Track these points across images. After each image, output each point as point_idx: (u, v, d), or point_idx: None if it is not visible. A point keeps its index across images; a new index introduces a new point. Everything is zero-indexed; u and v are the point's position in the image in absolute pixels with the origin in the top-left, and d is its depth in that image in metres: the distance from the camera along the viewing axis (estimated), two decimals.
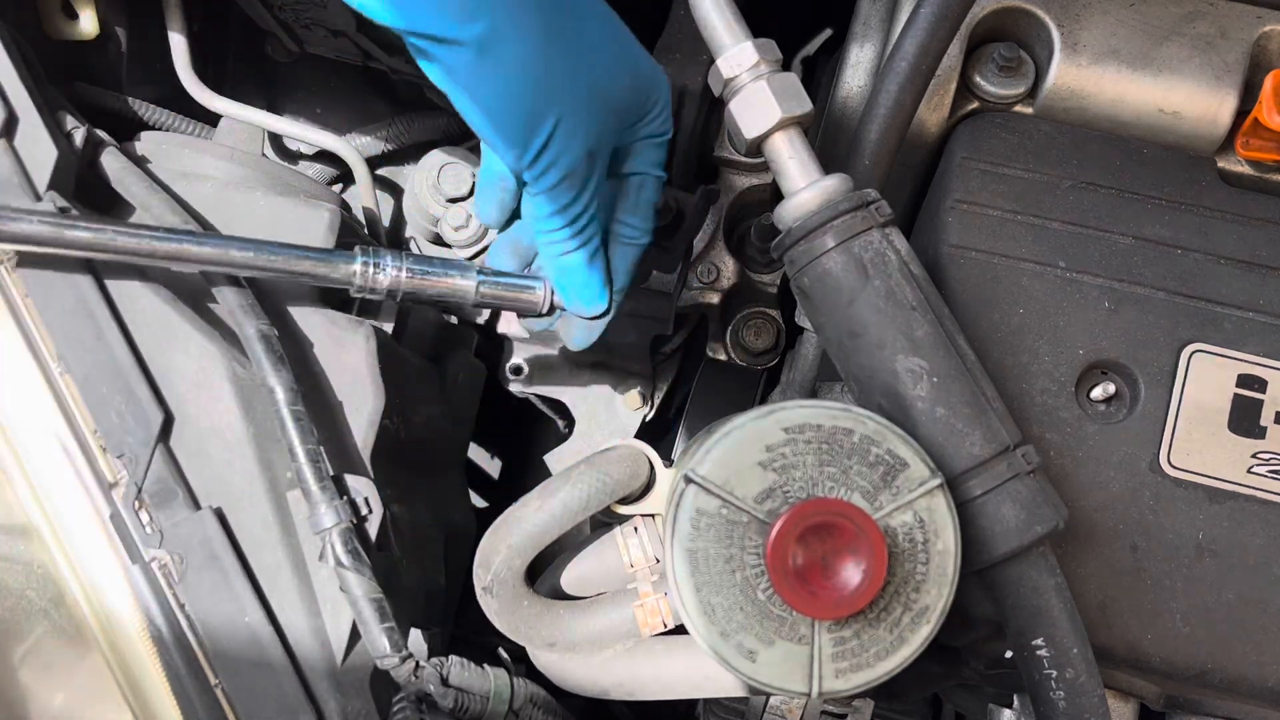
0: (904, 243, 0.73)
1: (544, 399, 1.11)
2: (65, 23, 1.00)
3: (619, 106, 0.80)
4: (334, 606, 0.77)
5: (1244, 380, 0.78)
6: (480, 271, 0.83)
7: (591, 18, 0.79)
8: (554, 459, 1.03)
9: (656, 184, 0.86)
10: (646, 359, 1.05)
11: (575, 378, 1.10)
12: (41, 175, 0.80)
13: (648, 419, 1.08)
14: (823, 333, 0.74)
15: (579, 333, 0.88)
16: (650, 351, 1.06)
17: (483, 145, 0.85)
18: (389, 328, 0.90)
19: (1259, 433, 0.77)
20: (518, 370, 1.09)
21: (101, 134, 0.87)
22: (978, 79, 0.88)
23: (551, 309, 0.84)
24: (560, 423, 1.19)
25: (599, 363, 1.09)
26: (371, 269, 0.80)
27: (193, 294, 0.83)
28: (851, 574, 0.64)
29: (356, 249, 0.81)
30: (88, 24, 1.01)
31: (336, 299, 0.87)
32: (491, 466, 1.45)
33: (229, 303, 0.80)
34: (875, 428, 0.66)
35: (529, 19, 0.73)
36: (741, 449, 0.66)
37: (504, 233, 0.87)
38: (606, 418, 1.05)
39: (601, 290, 0.84)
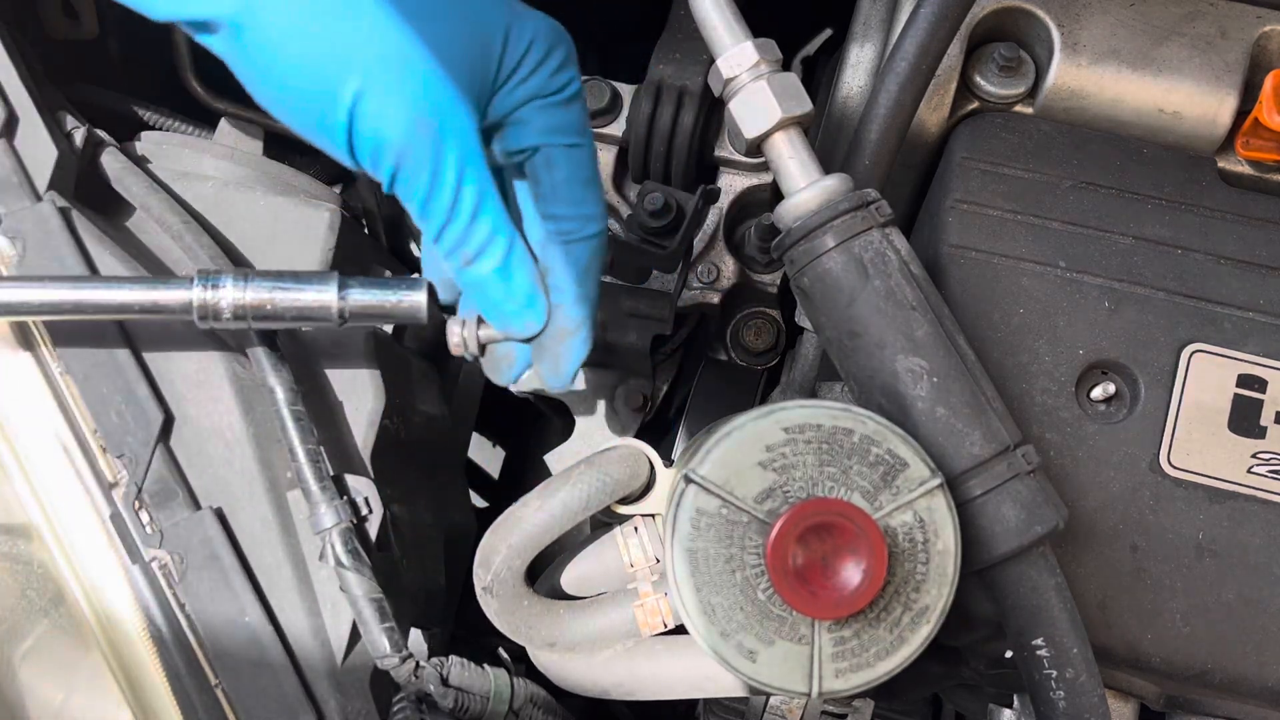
0: (904, 243, 0.73)
1: (544, 399, 1.11)
2: (65, 23, 1.00)
3: (454, 57, 0.65)
4: (334, 606, 0.77)
5: (1244, 380, 0.78)
6: (344, 283, 0.72)
7: None
8: (554, 459, 1.03)
9: (568, 156, 0.70)
10: (646, 359, 1.05)
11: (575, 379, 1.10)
12: (41, 175, 0.80)
13: (648, 419, 1.08)
14: (823, 333, 0.74)
15: (548, 364, 0.73)
16: (650, 351, 1.06)
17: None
18: (389, 327, 0.90)
19: (1259, 433, 0.77)
20: None
21: (101, 134, 0.87)
22: (978, 79, 0.88)
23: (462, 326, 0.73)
24: (560, 422, 1.19)
25: (599, 363, 1.08)
26: (210, 291, 0.71)
27: None
28: (851, 574, 0.64)
29: (196, 271, 0.72)
30: (88, 24, 1.01)
31: None
32: (491, 466, 1.45)
33: None
34: (875, 428, 0.66)
35: None
36: (741, 449, 0.66)
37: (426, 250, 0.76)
38: (606, 417, 1.05)
39: (529, 300, 0.69)
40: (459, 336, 0.73)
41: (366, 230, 1.10)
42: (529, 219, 0.75)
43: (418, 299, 0.73)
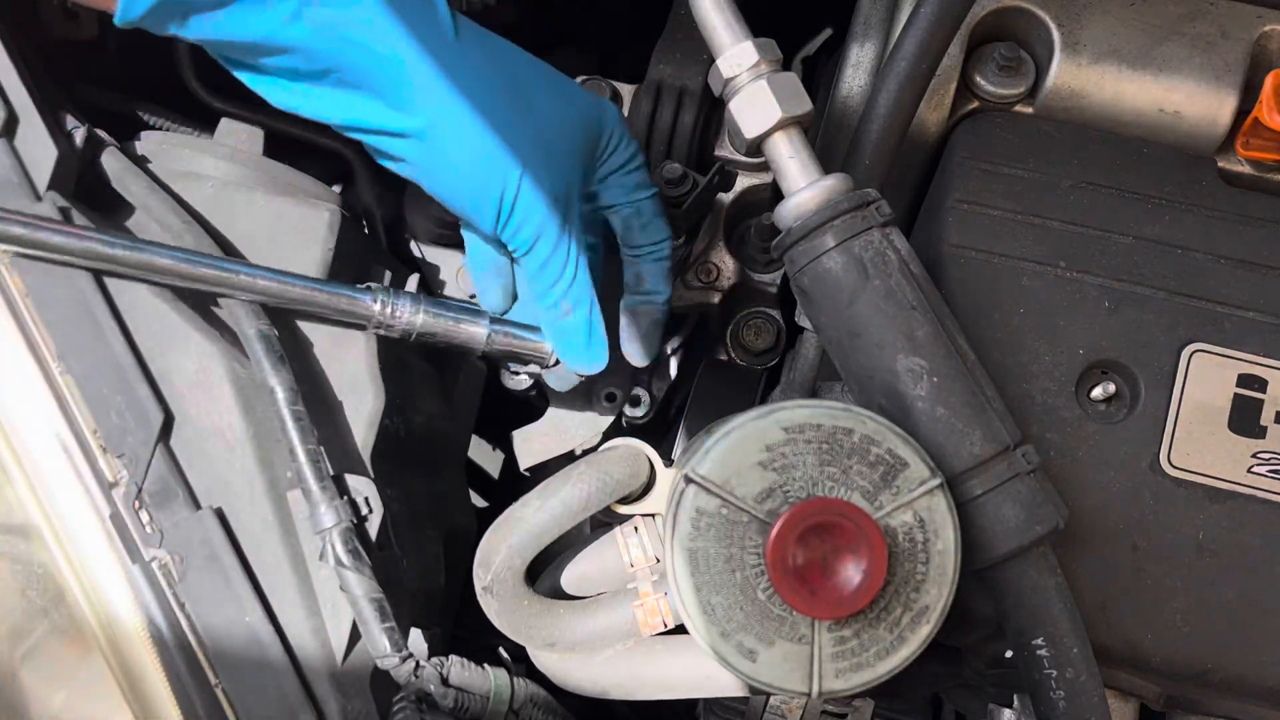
0: (904, 242, 0.73)
1: (544, 399, 1.11)
2: (65, 23, 1.00)
3: (572, 148, 0.82)
4: (334, 606, 0.77)
5: (1244, 380, 0.78)
6: (492, 320, 0.86)
7: (528, 76, 0.82)
8: (521, 437, 1.03)
9: (650, 204, 0.89)
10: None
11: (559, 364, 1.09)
12: (42, 175, 0.80)
13: (647, 419, 1.08)
14: (823, 332, 0.74)
15: (638, 345, 0.91)
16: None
17: (464, 233, 0.88)
18: None
19: (1259, 432, 0.77)
20: None
21: (101, 134, 0.87)
22: (978, 78, 0.88)
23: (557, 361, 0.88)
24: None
25: None
26: (391, 308, 0.83)
27: (193, 294, 0.83)
28: (851, 574, 0.64)
29: (373, 286, 0.83)
30: (88, 24, 1.00)
31: None
32: (491, 466, 1.45)
33: (229, 303, 0.80)
34: (875, 427, 0.66)
35: (468, 99, 0.76)
36: (742, 449, 0.66)
37: (483, 270, 0.89)
38: (580, 406, 1.05)
39: (603, 347, 0.86)
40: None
41: (366, 230, 1.10)
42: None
43: (545, 345, 0.88)
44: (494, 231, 0.81)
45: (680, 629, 0.77)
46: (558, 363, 0.88)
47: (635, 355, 0.92)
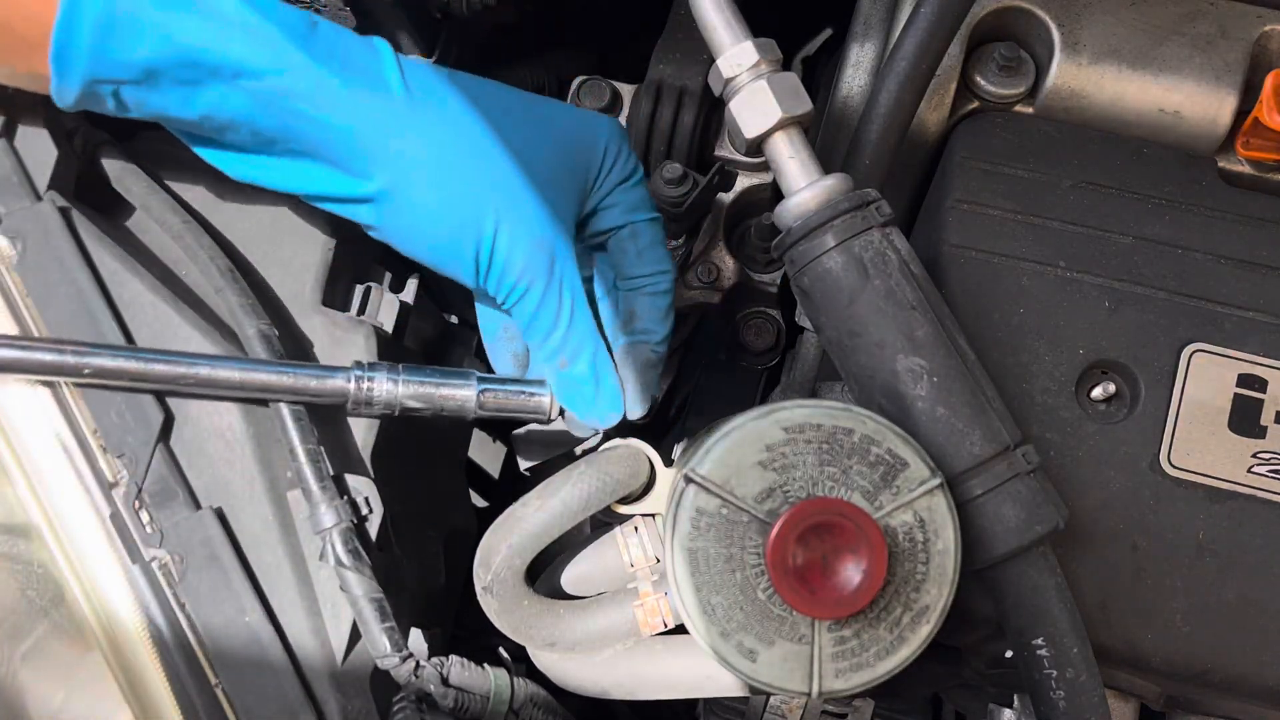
0: (904, 242, 0.73)
1: None
2: None
3: (556, 180, 0.77)
4: (334, 606, 0.77)
5: (1244, 380, 0.78)
6: (480, 379, 0.80)
7: (495, 112, 0.76)
8: (522, 433, 1.03)
9: (649, 227, 0.83)
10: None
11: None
12: (42, 175, 0.80)
13: (647, 419, 1.08)
14: (823, 332, 0.74)
15: (634, 392, 0.82)
16: None
17: (475, 296, 0.84)
18: (390, 327, 0.90)
19: (1259, 432, 0.77)
20: None
21: (102, 134, 0.87)
22: (978, 78, 0.88)
23: (561, 412, 0.81)
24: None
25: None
26: (365, 384, 0.77)
27: (193, 294, 0.83)
28: (851, 574, 0.64)
29: (353, 364, 0.78)
30: None
31: (338, 300, 0.87)
32: (492, 466, 1.45)
33: (229, 303, 0.80)
34: (875, 427, 0.66)
35: (424, 156, 0.73)
36: (742, 448, 0.66)
37: (493, 338, 0.86)
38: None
39: (615, 396, 0.79)
40: (551, 396, 0.81)
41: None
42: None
43: (544, 400, 0.80)
44: (478, 284, 0.77)
45: (680, 629, 0.77)
46: (562, 413, 0.81)
47: (628, 403, 0.82)
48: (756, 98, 0.74)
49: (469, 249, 0.75)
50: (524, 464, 1.03)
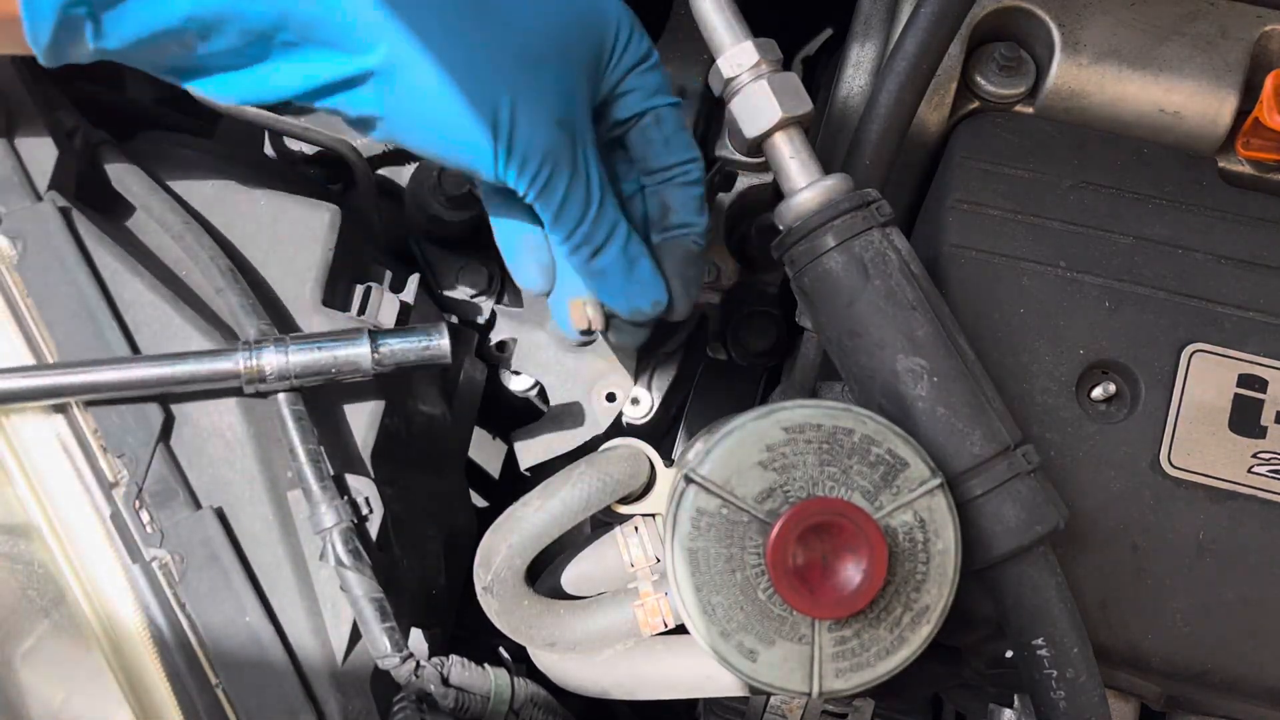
0: (904, 242, 0.74)
1: (543, 398, 1.11)
2: None
3: (569, 57, 0.71)
4: (334, 606, 0.77)
5: (1244, 380, 0.78)
6: (372, 334, 0.78)
7: None
8: (521, 436, 1.03)
9: (672, 112, 0.77)
10: (633, 356, 1.05)
11: (559, 363, 1.09)
12: (42, 175, 0.80)
13: (647, 419, 1.08)
14: (823, 332, 0.74)
15: (679, 287, 0.78)
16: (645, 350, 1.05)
17: (489, 212, 0.79)
18: (390, 327, 0.90)
19: (1259, 432, 0.77)
20: (502, 346, 1.08)
21: (102, 134, 0.87)
22: (978, 79, 0.88)
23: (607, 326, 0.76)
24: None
25: (588, 348, 1.07)
26: (254, 361, 0.75)
27: (193, 294, 0.83)
28: (852, 574, 0.64)
29: (240, 343, 0.77)
30: None
31: (338, 300, 0.87)
32: (492, 466, 1.45)
33: (230, 303, 0.80)
34: (875, 427, 0.66)
35: (427, 20, 0.67)
36: (742, 449, 0.66)
37: (514, 250, 0.80)
38: (582, 408, 1.05)
39: (655, 278, 0.75)
40: (446, 339, 0.78)
41: (366, 230, 1.09)
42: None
43: (443, 343, 0.78)
44: (498, 174, 0.70)
45: (680, 629, 0.77)
46: (607, 326, 0.77)
47: (673, 304, 0.78)
48: (757, 98, 0.74)
49: (485, 126, 0.68)
50: (524, 464, 1.03)
